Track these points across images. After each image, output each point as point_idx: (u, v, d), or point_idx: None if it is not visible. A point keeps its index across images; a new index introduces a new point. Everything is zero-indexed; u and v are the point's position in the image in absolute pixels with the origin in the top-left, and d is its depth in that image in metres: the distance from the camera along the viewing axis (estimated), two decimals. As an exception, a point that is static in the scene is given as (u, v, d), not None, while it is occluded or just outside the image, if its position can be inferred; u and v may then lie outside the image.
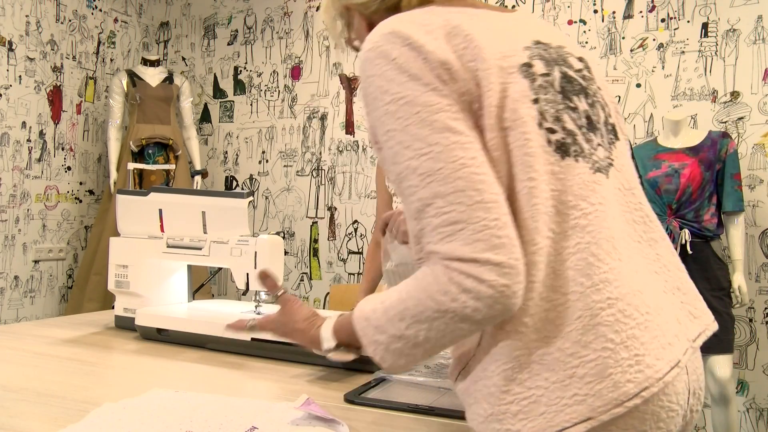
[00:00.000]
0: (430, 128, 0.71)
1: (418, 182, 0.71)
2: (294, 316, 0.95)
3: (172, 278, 1.75)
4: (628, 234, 0.77)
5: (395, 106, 0.73)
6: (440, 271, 0.69)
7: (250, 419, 0.95)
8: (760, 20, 2.96)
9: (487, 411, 0.72)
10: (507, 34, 0.79)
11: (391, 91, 0.73)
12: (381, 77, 0.74)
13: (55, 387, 1.11)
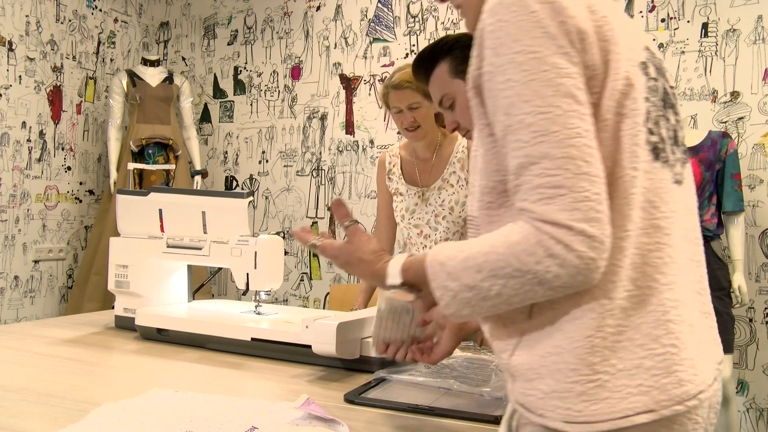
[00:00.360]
0: (554, 90, 0.71)
1: (529, 138, 0.70)
2: (363, 246, 0.93)
3: (172, 278, 1.75)
4: (684, 251, 0.80)
5: (523, 57, 0.72)
6: (530, 231, 0.69)
7: (250, 419, 0.95)
8: (760, 20, 2.96)
9: (551, 387, 0.72)
10: (631, 30, 0.81)
11: (523, 41, 0.72)
12: (514, 25, 0.73)
13: (55, 387, 1.11)
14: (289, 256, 3.90)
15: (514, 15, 0.73)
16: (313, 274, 3.85)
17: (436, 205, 1.98)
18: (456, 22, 3.54)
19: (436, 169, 2.01)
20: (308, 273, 3.86)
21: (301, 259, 3.89)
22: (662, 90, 0.82)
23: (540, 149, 0.69)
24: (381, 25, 3.73)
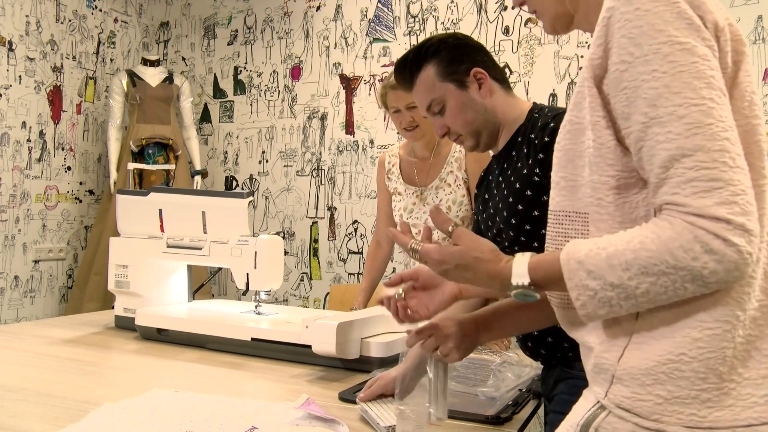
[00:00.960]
0: (705, 82, 0.69)
1: (681, 131, 0.68)
2: (479, 246, 0.87)
3: (172, 278, 1.75)
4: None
5: (670, 48, 0.70)
6: (683, 226, 0.67)
7: (250, 419, 0.95)
8: (760, 20, 2.96)
9: (672, 393, 0.70)
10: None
11: (668, 32, 0.70)
12: (657, 15, 0.71)
13: (55, 387, 1.11)
14: (289, 256, 3.90)
15: (655, 4, 0.71)
16: (313, 274, 3.85)
17: (434, 204, 1.98)
18: (456, 22, 3.55)
19: (434, 168, 2.01)
20: (308, 273, 3.86)
21: (301, 259, 3.89)
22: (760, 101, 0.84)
23: (694, 141, 0.68)
24: (381, 25, 3.73)
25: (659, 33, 0.70)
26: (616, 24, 0.74)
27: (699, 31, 0.71)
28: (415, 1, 3.65)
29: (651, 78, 0.70)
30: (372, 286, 2.17)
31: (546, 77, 3.35)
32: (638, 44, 0.71)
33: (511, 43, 3.43)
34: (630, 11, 0.72)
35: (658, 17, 0.71)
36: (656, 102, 0.70)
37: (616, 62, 0.74)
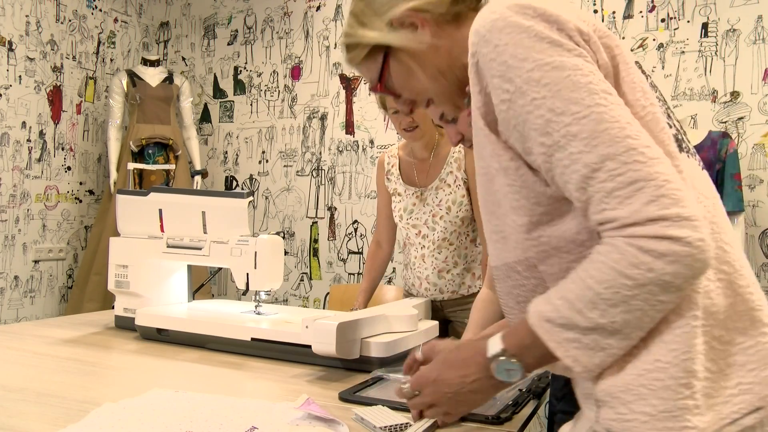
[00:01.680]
0: (585, 90, 0.67)
1: (581, 147, 0.65)
2: (443, 347, 0.86)
3: (172, 278, 1.75)
4: (732, 236, 0.77)
5: (540, 73, 0.68)
6: (623, 243, 0.64)
7: (250, 419, 0.95)
8: (760, 20, 2.96)
9: (657, 408, 0.65)
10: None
11: (532, 58, 0.68)
12: (516, 45, 0.69)
13: (55, 387, 1.11)
14: (289, 256, 3.90)
15: (510, 36, 0.70)
16: (313, 274, 3.85)
17: (434, 205, 1.98)
18: (456, 22, 3.54)
19: (433, 169, 2.01)
20: (308, 273, 3.86)
21: (301, 259, 3.89)
22: (652, 84, 0.81)
23: (597, 153, 0.65)
24: (381, 25, 3.73)
25: (524, 62, 0.69)
26: (484, 67, 0.73)
27: (561, 45, 0.69)
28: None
29: (533, 107, 0.68)
30: (372, 287, 2.17)
31: (546, 77, 3.35)
32: (509, 79, 0.70)
33: (511, 43, 3.43)
34: (491, 50, 0.71)
35: (518, 47, 0.69)
36: (547, 129, 0.68)
37: (498, 104, 0.72)
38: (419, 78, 0.88)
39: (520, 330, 0.74)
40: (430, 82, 0.88)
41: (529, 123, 0.69)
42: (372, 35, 0.88)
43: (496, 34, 0.71)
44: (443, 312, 2.05)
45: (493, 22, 0.71)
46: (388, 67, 0.89)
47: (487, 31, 0.72)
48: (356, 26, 0.91)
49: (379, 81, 0.90)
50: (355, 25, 0.91)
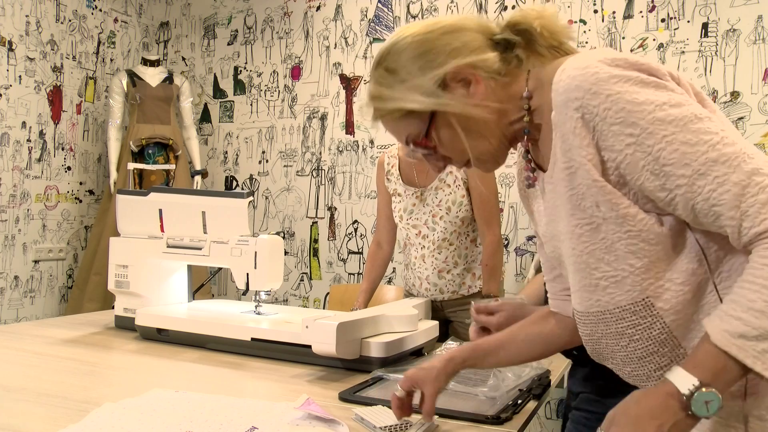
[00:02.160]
0: (708, 120, 0.72)
1: (725, 170, 0.70)
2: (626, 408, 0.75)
3: (172, 278, 1.75)
4: None
5: (663, 113, 0.72)
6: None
7: (250, 419, 0.95)
8: (760, 20, 2.96)
9: None
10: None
11: (650, 100, 0.73)
12: (630, 92, 0.74)
13: (55, 387, 1.11)
14: (289, 256, 3.90)
15: (619, 85, 0.74)
16: (313, 274, 3.85)
17: (434, 205, 1.98)
18: (456, 22, 3.55)
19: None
20: (308, 273, 3.86)
21: (301, 259, 3.89)
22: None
23: (742, 170, 0.69)
24: (381, 25, 3.73)
25: (643, 104, 0.73)
26: (595, 118, 0.75)
27: (665, 86, 0.74)
28: (415, 1, 3.65)
29: (665, 144, 0.72)
30: (372, 287, 2.17)
31: (546, 77, 3.35)
32: (633, 123, 0.73)
33: (511, 43, 3.43)
34: (603, 101, 0.74)
35: (632, 93, 0.73)
36: (685, 161, 0.72)
37: (621, 149, 0.75)
38: (463, 140, 0.88)
39: (705, 357, 0.70)
40: (476, 143, 0.88)
41: (663, 159, 0.73)
42: (420, 99, 0.86)
43: (603, 85, 0.74)
44: (443, 312, 2.05)
45: (596, 75, 0.75)
46: (435, 125, 0.88)
47: (592, 84, 0.75)
48: (397, 86, 0.88)
49: (425, 137, 0.89)
50: (394, 84, 0.88)
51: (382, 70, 0.90)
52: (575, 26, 3.30)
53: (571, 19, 3.31)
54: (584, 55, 0.78)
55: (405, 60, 0.87)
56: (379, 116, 0.92)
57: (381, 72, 0.90)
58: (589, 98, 0.75)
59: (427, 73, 0.86)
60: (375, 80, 0.91)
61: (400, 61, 0.88)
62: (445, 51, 0.86)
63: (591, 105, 0.75)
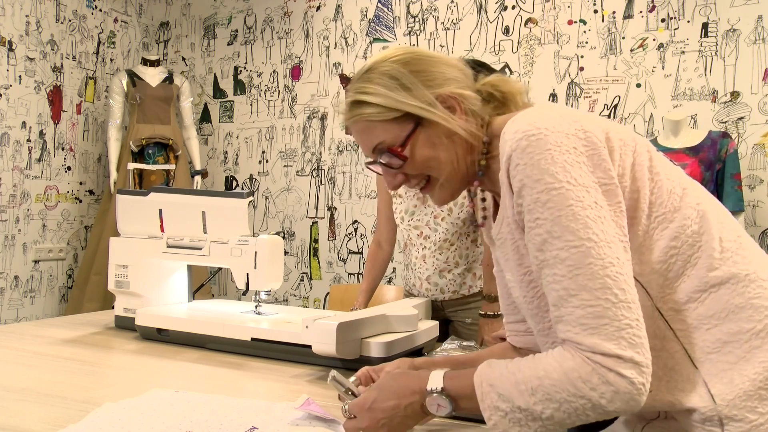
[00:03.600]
0: (582, 223, 0.76)
1: (565, 272, 0.74)
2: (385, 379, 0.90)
3: (172, 278, 1.75)
4: None
5: (547, 196, 0.77)
6: (581, 359, 0.73)
7: (250, 419, 0.95)
8: (760, 20, 2.96)
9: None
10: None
11: (544, 180, 0.77)
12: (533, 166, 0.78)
13: (55, 387, 1.11)
14: (289, 256, 3.90)
15: (531, 157, 0.78)
16: (313, 274, 3.85)
17: (435, 206, 1.98)
18: (456, 22, 3.55)
19: (435, 169, 2.01)
20: (308, 273, 3.86)
21: (301, 259, 3.89)
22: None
23: (577, 282, 0.73)
24: (381, 25, 3.73)
25: (537, 183, 0.77)
26: (514, 179, 0.81)
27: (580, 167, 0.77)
28: (415, 1, 3.65)
29: (536, 225, 0.77)
30: (372, 287, 2.17)
31: (546, 77, 3.35)
32: (522, 196, 0.79)
33: (511, 43, 3.43)
34: (515, 165, 0.79)
35: (535, 168, 0.77)
36: (543, 247, 0.77)
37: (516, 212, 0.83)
38: (440, 156, 0.91)
39: (463, 379, 0.82)
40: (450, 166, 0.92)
41: (530, 236, 0.78)
42: (417, 103, 0.89)
43: (524, 147, 0.78)
44: (444, 312, 2.05)
45: (525, 134, 0.79)
46: (415, 136, 0.91)
47: (518, 141, 0.79)
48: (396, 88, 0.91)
49: (401, 146, 0.91)
50: (395, 87, 0.91)
51: (379, 73, 0.92)
52: (575, 26, 3.30)
53: (571, 19, 3.31)
54: (531, 112, 0.82)
55: (406, 71, 0.91)
56: (361, 114, 0.93)
57: (376, 75, 0.92)
58: (516, 155, 0.79)
59: (426, 88, 0.90)
60: (368, 80, 0.93)
61: (401, 71, 0.91)
62: (441, 76, 0.91)
63: (513, 162, 0.79)
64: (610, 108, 3.22)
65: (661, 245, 0.80)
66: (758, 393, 0.75)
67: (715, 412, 0.76)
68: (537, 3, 3.38)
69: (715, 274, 0.79)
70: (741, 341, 0.77)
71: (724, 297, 0.79)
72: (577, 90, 3.28)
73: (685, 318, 0.80)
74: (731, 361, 0.77)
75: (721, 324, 0.78)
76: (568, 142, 0.77)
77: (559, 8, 3.34)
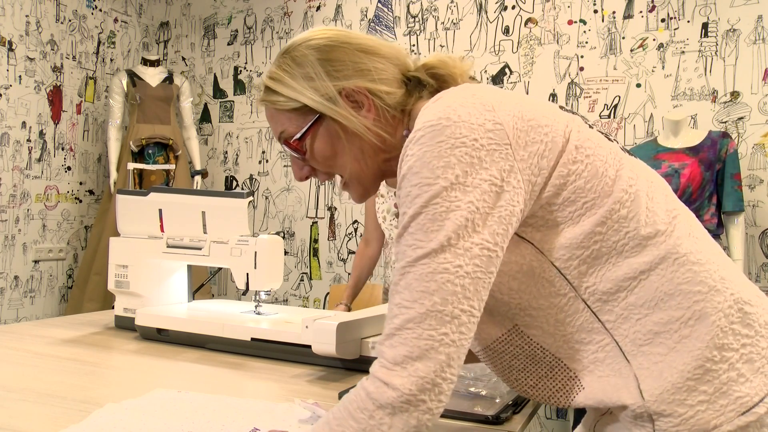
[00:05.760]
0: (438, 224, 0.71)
1: (401, 266, 0.71)
2: None
3: (172, 278, 1.75)
4: None
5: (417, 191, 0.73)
6: (365, 380, 0.67)
7: (252, 420, 0.95)
8: (760, 20, 2.96)
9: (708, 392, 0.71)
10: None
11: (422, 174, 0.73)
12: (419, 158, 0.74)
13: (55, 387, 1.11)
14: (289, 256, 3.90)
15: (419, 147, 0.72)
16: (313, 274, 3.85)
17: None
18: (456, 22, 3.55)
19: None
20: (308, 273, 3.86)
21: (301, 259, 3.89)
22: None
23: (405, 280, 0.68)
24: (381, 25, 3.73)
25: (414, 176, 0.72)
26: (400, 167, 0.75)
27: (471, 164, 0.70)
28: (415, 1, 3.65)
29: (402, 219, 0.73)
30: (357, 284, 2.21)
31: (546, 77, 3.35)
32: (401, 188, 0.74)
33: (511, 43, 3.43)
34: (405, 155, 0.73)
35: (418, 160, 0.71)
36: (398, 241, 0.72)
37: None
38: (340, 154, 0.87)
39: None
40: (353, 164, 0.87)
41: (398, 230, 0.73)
42: (315, 98, 0.85)
43: (419, 137, 0.72)
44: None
45: (425, 124, 0.72)
46: (314, 131, 0.87)
47: (416, 131, 0.73)
48: (299, 78, 0.86)
49: (299, 139, 0.87)
50: (298, 76, 0.86)
51: (290, 58, 0.88)
52: (575, 26, 3.30)
53: (571, 19, 3.31)
54: (447, 98, 0.75)
55: (313, 58, 0.86)
56: (268, 100, 0.90)
57: (287, 60, 0.88)
58: (410, 147, 0.73)
59: (331, 80, 0.85)
60: (279, 65, 0.89)
61: (308, 57, 0.86)
62: (353, 67, 0.85)
63: (405, 154, 0.73)
64: (610, 108, 3.22)
65: (585, 230, 0.74)
66: (687, 384, 0.70)
67: (644, 409, 0.72)
68: (537, 3, 3.38)
69: (644, 260, 0.73)
70: (671, 331, 0.72)
71: (654, 284, 0.73)
72: (577, 90, 3.28)
73: (613, 308, 0.74)
74: (662, 353, 0.72)
75: (651, 314, 0.73)
76: (469, 134, 0.70)
77: (559, 8, 3.34)
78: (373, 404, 0.65)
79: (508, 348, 0.81)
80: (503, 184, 0.70)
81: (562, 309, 0.75)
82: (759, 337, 0.72)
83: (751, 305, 0.74)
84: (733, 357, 0.70)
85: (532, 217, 0.75)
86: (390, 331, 0.67)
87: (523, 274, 0.76)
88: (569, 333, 0.77)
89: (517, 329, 0.79)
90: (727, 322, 0.72)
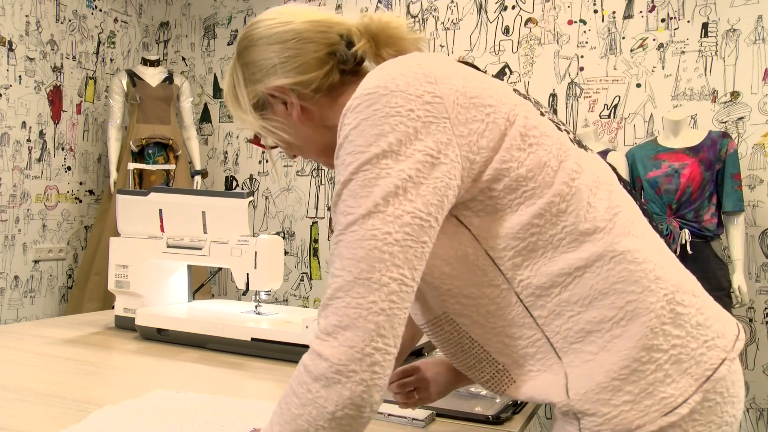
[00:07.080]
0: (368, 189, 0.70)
1: (336, 233, 0.70)
2: None
3: (172, 278, 1.75)
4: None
5: (351, 158, 0.72)
6: (304, 356, 0.67)
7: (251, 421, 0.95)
8: (760, 20, 2.96)
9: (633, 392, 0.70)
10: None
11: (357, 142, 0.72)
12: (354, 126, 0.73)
13: (55, 387, 1.11)
14: (289, 256, 3.90)
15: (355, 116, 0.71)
16: (313, 274, 3.85)
17: None
18: (456, 22, 3.54)
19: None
20: (308, 273, 3.86)
21: (301, 259, 3.89)
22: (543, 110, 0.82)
23: (338, 248, 0.67)
24: (381, 25, 3.73)
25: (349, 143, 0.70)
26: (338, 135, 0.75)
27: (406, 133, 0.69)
28: (415, 1, 3.65)
29: (336, 187, 0.72)
30: None
31: (546, 77, 3.35)
32: (337, 156, 0.72)
33: (511, 43, 3.43)
34: (342, 124, 0.72)
35: (353, 129, 0.70)
36: (333, 209, 0.71)
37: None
38: (294, 143, 0.88)
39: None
40: (305, 145, 0.89)
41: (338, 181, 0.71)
42: (239, 111, 0.87)
43: (356, 105, 0.71)
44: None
45: (363, 92, 0.71)
46: (264, 131, 0.89)
47: (353, 99, 0.72)
48: (232, 88, 0.89)
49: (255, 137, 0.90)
50: (231, 86, 0.89)
51: (231, 65, 0.90)
52: (575, 26, 3.30)
53: (571, 19, 3.31)
54: (388, 66, 0.74)
55: (239, 65, 0.88)
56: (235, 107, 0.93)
57: (230, 66, 0.91)
58: (346, 115, 0.72)
59: (248, 87, 0.86)
60: (229, 71, 0.92)
61: (235, 66, 0.88)
62: (265, 65, 0.84)
63: (342, 123, 0.72)
64: (610, 108, 3.22)
65: (522, 221, 0.72)
66: (612, 384, 0.69)
67: (569, 407, 0.71)
68: (537, 3, 3.38)
69: (580, 256, 0.71)
70: (603, 330, 0.70)
71: (589, 282, 0.71)
72: (577, 90, 3.28)
73: (546, 304, 0.72)
74: (593, 352, 0.70)
75: (584, 312, 0.71)
76: (405, 104, 0.69)
77: (559, 8, 3.34)
78: (309, 377, 0.64)
79: (438, 332, 0.80)
80: (440, 156, 0.68)
81: (494, 300, 0.74)
82: (690, 338, 0.71)
83: (684, 306, 0.72)
84: (661, 358, 0.69)
85: (472, 200, 0.73)
86: (324, 302, 0.67)
87: (456, 259, 0.74)
88: (500, 326, 0.75)
89: (447, 316, 0.78)
90: (659, 323, 0.70)
